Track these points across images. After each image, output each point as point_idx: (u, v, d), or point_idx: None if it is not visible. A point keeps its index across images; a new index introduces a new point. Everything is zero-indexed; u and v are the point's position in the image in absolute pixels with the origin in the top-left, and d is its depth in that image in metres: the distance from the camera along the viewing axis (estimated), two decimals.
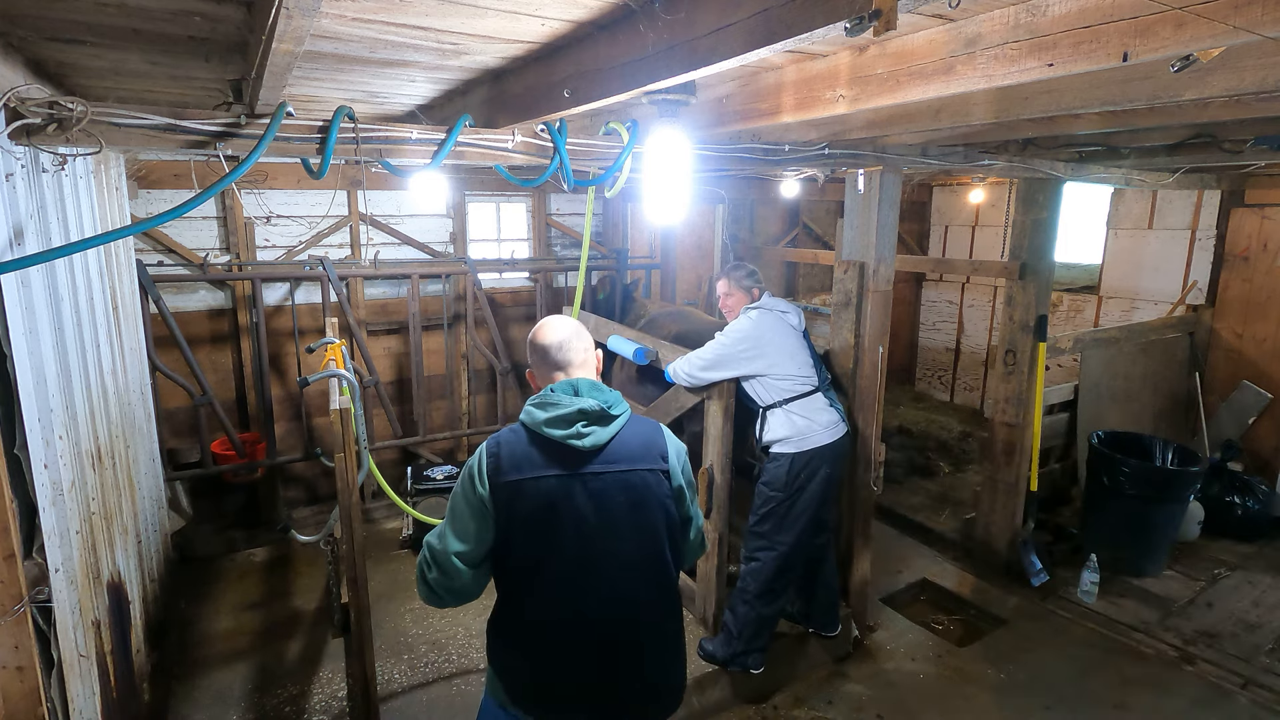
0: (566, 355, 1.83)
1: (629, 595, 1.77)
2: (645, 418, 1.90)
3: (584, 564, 1.73)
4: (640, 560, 1.78)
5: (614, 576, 1.75)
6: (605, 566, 1.74)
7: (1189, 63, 1.52)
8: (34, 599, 1.87)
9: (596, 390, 1.77)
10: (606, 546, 1.74)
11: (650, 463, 1.78)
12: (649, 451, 1.79)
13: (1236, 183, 5.25)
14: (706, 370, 3.25)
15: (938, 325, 7.96)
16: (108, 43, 2.02)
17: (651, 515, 1.78)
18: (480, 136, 2.36)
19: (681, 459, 1.88)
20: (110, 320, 3.09)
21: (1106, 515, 4.46)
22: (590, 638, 1.75)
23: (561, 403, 1.72)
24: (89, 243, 1.78)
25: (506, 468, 1.70)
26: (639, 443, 1.79)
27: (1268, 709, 3.30)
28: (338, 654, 3.60)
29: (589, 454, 1.72)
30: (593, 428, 1.72)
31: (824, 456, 3.21)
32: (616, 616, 1.76)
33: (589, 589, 1.74)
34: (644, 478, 1.77)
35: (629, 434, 1.79)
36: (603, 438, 1.73)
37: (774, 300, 3.41)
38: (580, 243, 5.80)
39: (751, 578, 3.27)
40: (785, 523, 3.23)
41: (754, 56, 1.47)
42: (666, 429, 1.91)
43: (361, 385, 4.60)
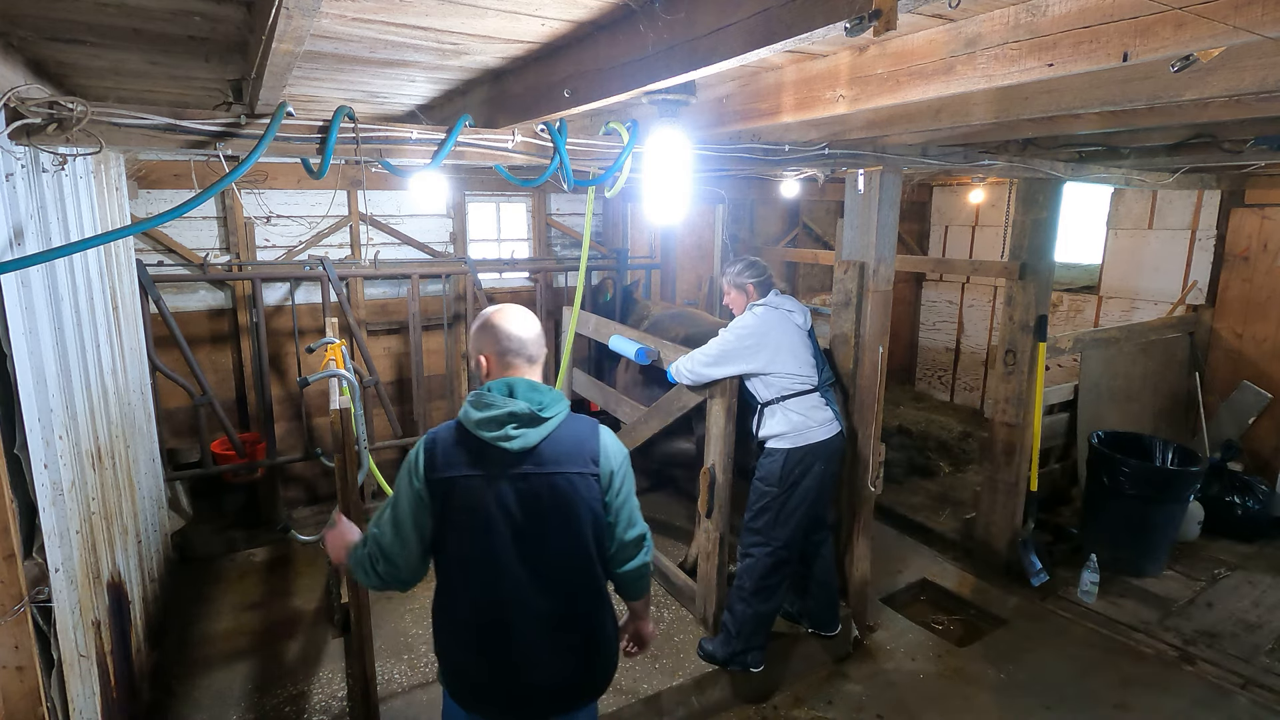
0: (531, 351, 1.85)
1: (553, 596, 1.82)
2: (585, 418, 1.89)
3: (510, 564, 1.78)
4: (565, 562, 1.82)
5: (536, 577, 1.80)
6: (529, 567, 1.79)
7: (1189, 63, 1.52)
8: (34, 599, 1.87)
9: (533, 391, 1.78)
10: (532, 548, 1.79)
11: (579, 466, 1.79)
12: (579, 454, 1.80)
13: (1236, 183, 5.25)
14: (710, 366, 3.24)
15: (938, 325, 7.96)
16: (108, 43, 2.02)
17: (578, 518, 1.80)
18: (480, 136, 2.36)
19: (618, 462, 1.86)
20: (110, 320, 3.09)
21: (1106, 515, 4.46)
22: (515, 637, 1.81)
23: (495, 404, 1.74)
24: (89, 243, 1.78)
25: (440, 464, 1.75)
26: (570, 445, 1.79)
27: (1268, 709, 3.30)
28: (338, 654, 3.60)
29: (519, 455, 1.75)
30: (522, 430, 1.74)
31: (818, 453, 3.23)
32: (540, 615, 1.81)
33: (514, 588, 1.80)
34: (571, 481, 1.78)
35: (562, 436, 1.79)
36: (532, 440, 1.75)
37: (782, 298, 3.38)
38: (580, 243, 5.80)
39: (747, 575, 3.28)
40: (780, 518, 3.24)
41: (754, 56, 1.47)
42: (606, 432, 1.88)
43: (361, 385, 4.60)
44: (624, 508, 1.89)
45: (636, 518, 1.93)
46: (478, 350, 1.86)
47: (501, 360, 1.83)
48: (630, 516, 1.91)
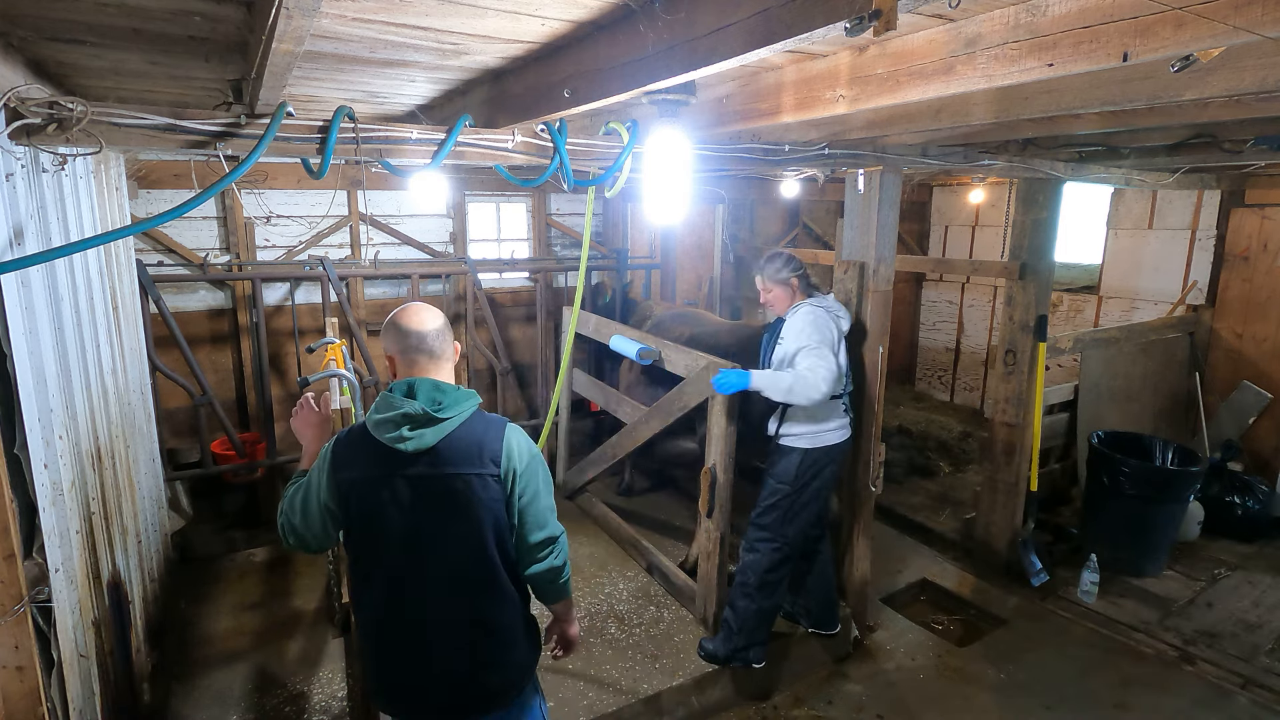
0: (432, 346, 1.83)
1: (449, 597, 1.81)
2: (494, 418, 1.85)
3: (407, 565, 1.80)
4: (464, 565, 1.80)
5: (435, 578, 1.80)
6: (428, 568, 1.80)
7: (1189, 63, 1.52)
8: (34, 599, 1.87)
9: (435, 390, 1.77)
10: (430, 549, 1.79)
11: (477, 467, 1.76)
12: (478, 455, 1.76)
13: (1236, 183, 5.25)
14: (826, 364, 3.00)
15: (938, 325, 7.96)
16: (108, 43, 2.02)
17: (476, 520, 1.78)
18: (480, 136, 2.36)
19: (524, 463, 1.81)
20: (110, 320, 3.09)
21: (1106, 515, 4.46)
22: (412, 637, 1.83)
23: (393, 404, 1.74)
24: (89, 243, 1.79)
25: (341, 464, 1.80)
26: (469, 445, 1.76)
27: (1268, 709, 3.30)
28: (338, 654, 3.60)
29: (414, 457, 1.74)
30: (418, 431, 1.72)
31: (832, 455, 3.26)
32: (437, 618, 1.82)
33: (412, 589, 1.81)
34: (469, 482, 1.76)
35: (461, 436, 1.76)
36: (427, 441, 1.73)
37: (828, 299, 3.30)
38: (580, 243, 5.80)
39: (751, 570, 3.28)
40: (789, 515, 3.24)
41: (754, 56, 1.47)
42: (514, 431, 1.84)
43: (361, 385, 4.60)
44: (529, 509, 1.83)
45: (546, 520, 1.87)
46: (385, 350, 1.87)
47: (404, 359, 1.83)
48: (537, 519, 1.85)
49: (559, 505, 5.72)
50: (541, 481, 1.87)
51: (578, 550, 4.65)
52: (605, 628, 3.78)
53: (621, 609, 3.94)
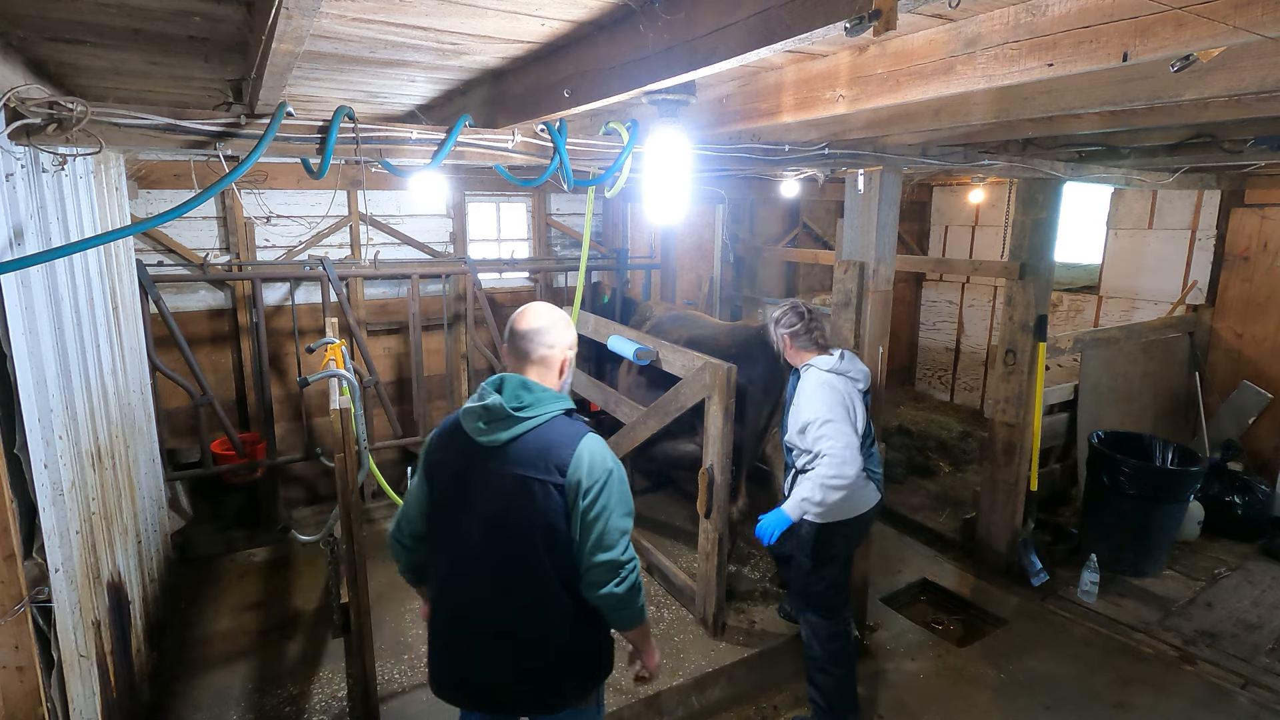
0: (524, 346, 1.86)
1: (493, 597, 1.82)
2: (577, 425, 1.80)
3: (463, 555, 1.84)
4: (509, 566, 1.79)
5: (483, 575, 1.82)
6: (479, 563, 1.82)
7: (1189, 63, 1.52)
8: (34, 599, 1.87)
9: (523, 389, 1.79)
10: (482, 545, 1.80)
11: (541, 472, 1.73)
12: (545, 460, 1.74)
13: (1236, 183, 5.25)
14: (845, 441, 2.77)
15: (938, 325, 7.96)
16: (108, 43, 2.02)
17: (528, 525, 1.75)
18: (480, 136, 2.36)
19: (593, 477, 1.73)
20: (110, 320, 3.09)
21: (1106, 515, 4.46)
22: (457, 629, 1.88)
23: (481, 396, 1.80)
24: (89, 243, 1.79)
25: (434, 446, 1.90)
26: (538, 449, 1.75)
27: (1268, 709, 3.30)
28: (338, 654, 3.60)
29: (488, 450, 1.78)
30: (492, 425, 1.77)
31: (853, 526, 2.98)
32: (480, 615, 1.84)
33: (463, 581, 1.85)
34: (530, 486, 1.74)
35: (534, 438, 1.76)
36: (500, 437, 1.76)
37: (848, 362, 2.99)
38: (580, 243, 5.80)
39: (815, 641, 3.05)
40: (826, 584, 3.01)
41: (754, 56, 1.47)
42: (592, 443, 1.78)
43: (361, 385, 4.60)
44: (594, 527, 1.74)
45: (614, 542, 1.76)
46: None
47: (507, 354, 1.89)
48: (602, 539, 1.74)
49: None
50: (615, 501, 1.76)
51: None
52: None
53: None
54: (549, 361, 1.86)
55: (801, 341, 3.01)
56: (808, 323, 3.00)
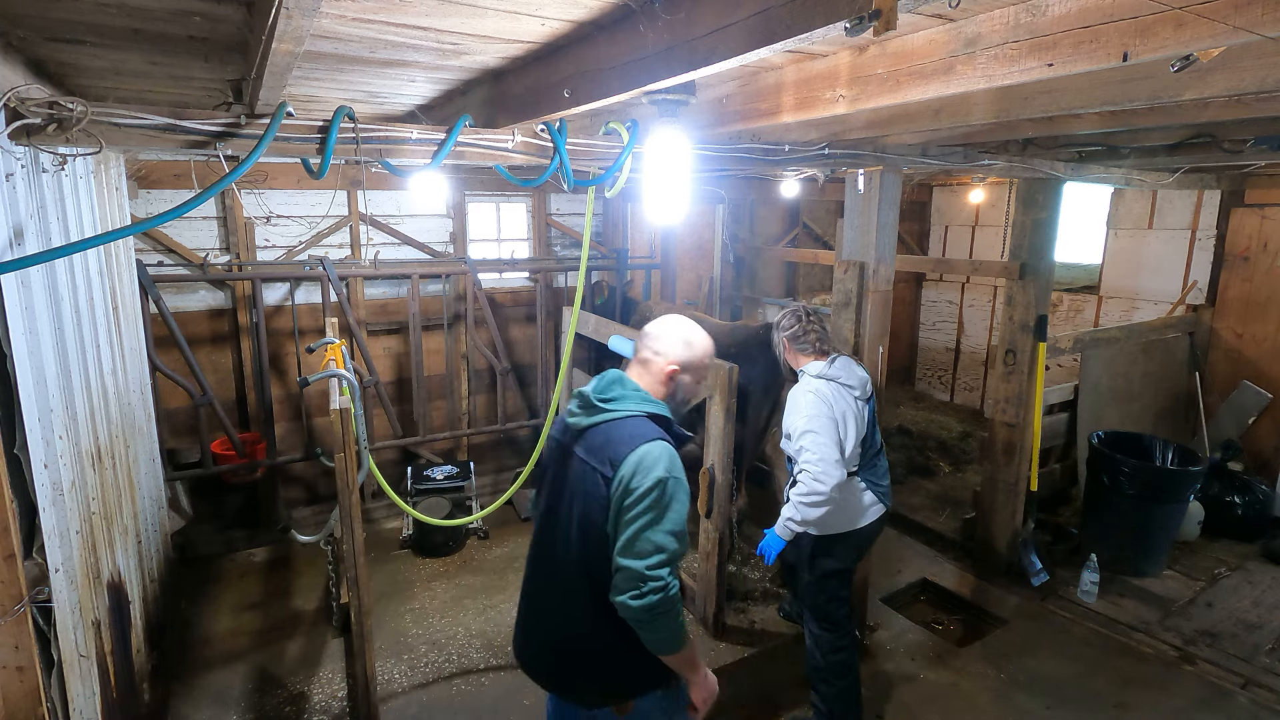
0: (639, 347, 1.97)
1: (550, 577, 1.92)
2: (648, 429, 1.78)
3: (539, 529, 1.96)
4: (561, 547, 1.88)
5: (546, 553, 1.93)
6: (545, 541, 1.93)
7: (1189, 63, 1.52)
8: (34, 599, 1.87)
9: (616, 384, 1.89)
10: (549, 523, 1.91)
11: (597, 462, 1.78)
12: (603, 452, 1.78)
13: (1236, 183, 5.25)
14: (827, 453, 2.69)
15: (938, 325, 7.96)
16: (108, 43, 2.02)
17: (576, 513, 1.83)
18: (480, 136, 2.36)
19: (639, 479, 1.69)
20: (110, 320, 3.09)
21: (1106, 515, 4.46)
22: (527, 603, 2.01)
23: (587, 383, 1.93)
24: (89, 243, 1.78)
25: (555, 423, 2.06)
26: (604, 441, 1.81)
27: (1268, 709, 3.30)
28: (338, 654, 3.60)
29: (576, 433, 1.88)
30: (580, 410, 1.90)
31: (849, 541, 2.91)
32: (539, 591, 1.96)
33: (534, 554, 1.99)
34: (586, 473, 1.81)
35: (606, 430, 1.82)
36: (582, 423, 1.87)
37: (839, 368, 2.87)
38: (580, 243, 5.80)
39: (817, 650, 3.01)
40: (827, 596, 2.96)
41: (754, 56, 1.47)
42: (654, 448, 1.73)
43: (361, 385, 4.60)
44: (626, 529, 1.69)
45: (643, 552, 1.67)
46: None
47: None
48: (631, 544, 1.68)
49: None
50: (659, 514, 1.68)
51: None
52: None
53: None
54: (651, 366, 1.92)
55: (799, 345, 2.93)
56: (804, 325, 2.92)
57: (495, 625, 3.85)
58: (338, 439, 2.61)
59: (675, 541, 1.71)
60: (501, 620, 3.90)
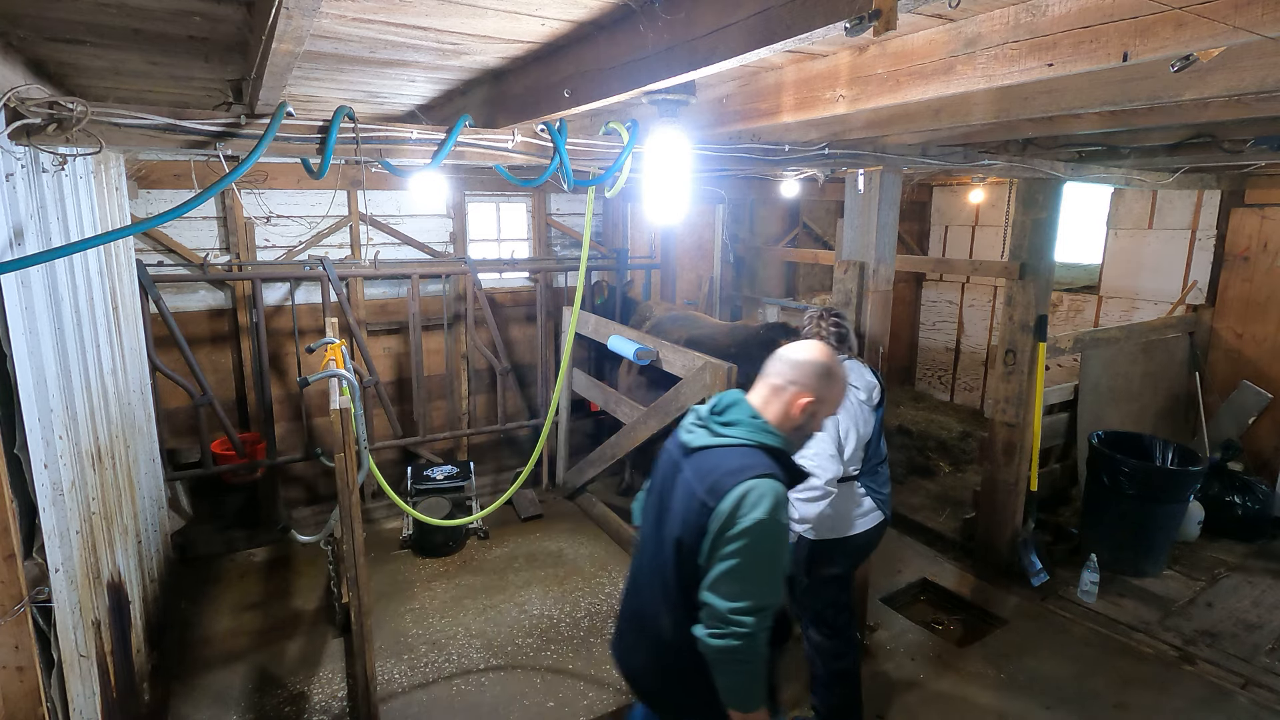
0: (766, 366, 1.89)
1: (646, 589, 1.92)
2: (760, 462, 1.70)
3: (643, 540, 1.97)
4: (657, 563, 1.87)
5: (646, 564, 1.93)
6: (647, 553, 1.93)
7: (1189, 63, 1.52)
8: (34, 599, 1.87)
9: (735, 408, 1.82)
10: (651, 537, 1.91)
11: (703, 489, 1.70)
12: (710, 477, 1.70)
13: (1236, 183, 5.25)
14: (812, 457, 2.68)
15: (938, 325, 7.96)
16: (108, 43, 2.02)
17: (674, 534, 1.78)
18: (480, 136, 2.36)
19: (740, 520, 1.62)
20: (110, 320, 3.09)
21: (1106, 515, 4.46)
22: (625, 605, 2.04)
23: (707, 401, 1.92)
24: (89, 243, 1.79)
25: (674, 432, 1.99)
26: (712, 465, 1.73)
27: (1268, 709, 3.30)
28: (338, 654, 3.60)
29: (687, 451, 1.84)
30: (694, 429, 1.86)
31: (845, 548, 2.88)
32: (635, 599, 1.97)
33: (637, 563, 2.01)
34: (689, 495, 1.74)
35: (718, 455, 1.75)
36: (694, 442, 1.82)
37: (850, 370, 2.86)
38: (580, 243, 5.80)
39: (818, 659, 2.99)
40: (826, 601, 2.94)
41: (754, 56, 1.47)
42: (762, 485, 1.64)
43: (361, 385, 4.60)
44: (717, 565, 1.65)
45: (729, 594, 1.63)
46: None
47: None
48: (719, 583, 1.64)
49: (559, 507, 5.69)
50: (754, 559, 1.63)
51: (578, 550, 4.65)
52: (605, 628, 3.78)
53: None
54: (783, 394, 1.81)
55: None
56: (816, 325, 2.92)
57: (495, 625, 3.85)
58: (338, 439, 2.61)
59: (765, 588, 1.66)
60: (501, 620, 3.90)
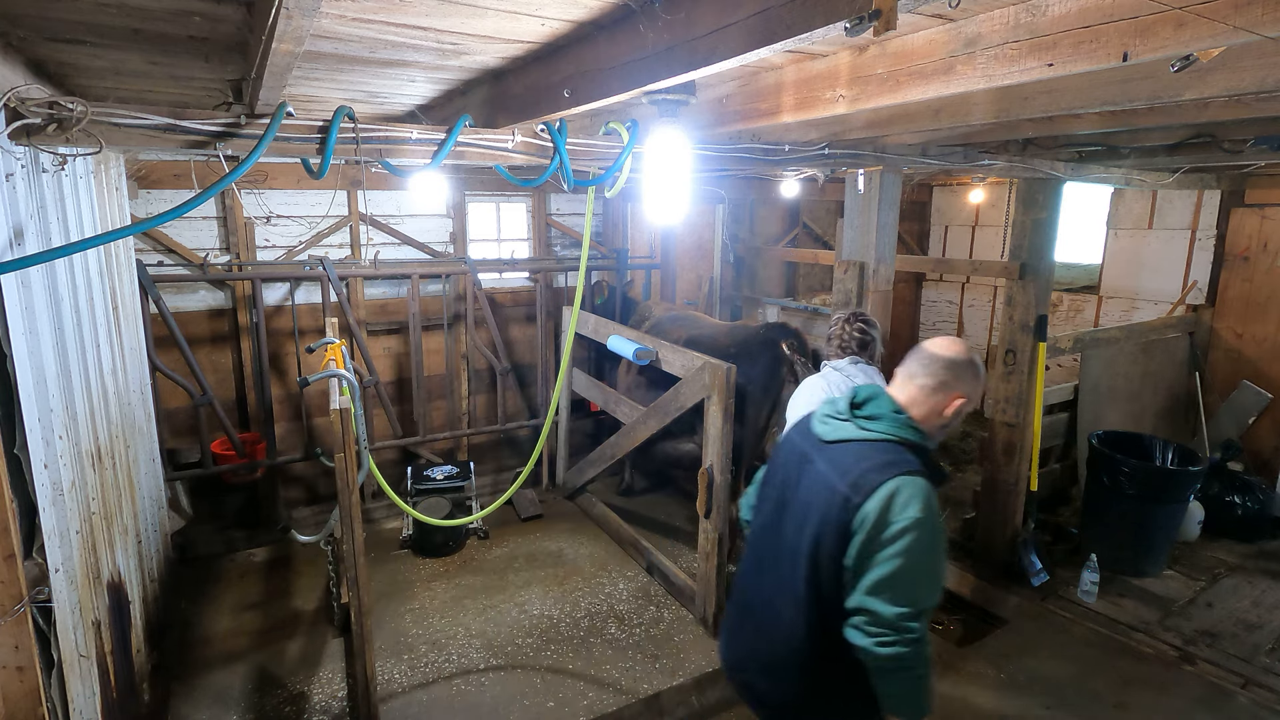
0: (912, 367, 1.78)
1: (773, 587, 1.86)
2: (904, 459, 1.64)
3: (762, 534, 1.93)
4: (785, 562, 1.80)
5: (770, 560, 1.88)
6: (770, 548, 1.88)
7: (1189, 63, 1.52)
8: (34, 599, 1.87)
9: (873, 402, 1.75)
10: (777, 532, 1.87)
11: (845, 484, 1.63)
12: (852, 473, 1.64)
13: (1236, 183, 5.25)
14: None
15: (938, 325, 7.96)
16: (108, 43, 2.02)
17: (809, 526, 1.71)
18: (480, 136, 2.36)
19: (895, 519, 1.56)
20: (110, 320, 3.09)
21: (1106, 515, 4.46)
22: (742, 597, 1.99)
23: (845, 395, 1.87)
24: (89, 243, 1.79)
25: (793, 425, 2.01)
26: (855, 460, 1.66)
27: (1268, 709, 3.30)
28: (338, 654, 3.60)
29: (819, 445, 1.80)
30: (828, 421, 1.81)
31: None
32: (757, 598, 1.91)
33: (755, 559, 1.95)
34: (827, 491, 1.67)
35: (858, 450, 1.69)
36: (832, 435, 1.77)
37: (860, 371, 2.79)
38: (580, 243, 5.80)
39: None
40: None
41: (754, 56, 1.47)
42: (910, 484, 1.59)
43: (361, 385, 4.60)
44: (878, 568, 1.58)
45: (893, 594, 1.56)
46: None
47: (899, 368, 1.84)
48: (881, 585, 1.57)
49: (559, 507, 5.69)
50: (919, 555, 1.57)
51: (578, 550, 4.65)
52: (605, 628, 3.78)
53: (621, 609, 3.94)
54: (932, 393, 1.72)
55: (828, 346, 2.92)
56: (840, 328, 2.88)
57: (495, 625, 3.85)
58: (338, 439, 2.61)
59: (930, 590, 1.62)
60: (501, 620, 3.90)
